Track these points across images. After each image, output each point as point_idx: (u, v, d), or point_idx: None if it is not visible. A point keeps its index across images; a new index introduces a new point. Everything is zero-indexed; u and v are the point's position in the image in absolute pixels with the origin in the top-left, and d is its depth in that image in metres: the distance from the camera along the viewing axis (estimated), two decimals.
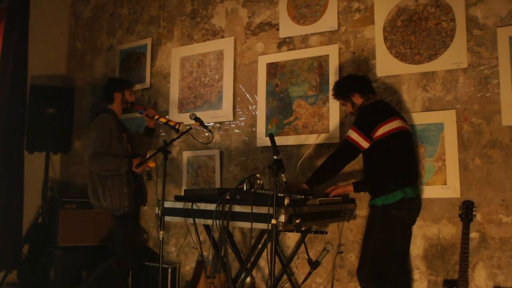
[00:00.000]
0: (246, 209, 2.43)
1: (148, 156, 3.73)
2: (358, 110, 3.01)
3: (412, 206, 2.86)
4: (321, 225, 3.30)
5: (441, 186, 3.10)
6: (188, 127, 3.42)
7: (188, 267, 4.16)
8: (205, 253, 3.87)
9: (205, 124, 3.40)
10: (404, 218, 2.82)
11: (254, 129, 3.90)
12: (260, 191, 2.53)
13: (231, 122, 4.04)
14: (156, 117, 3.61)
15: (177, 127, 3.40)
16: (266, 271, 3.70)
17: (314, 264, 3.14)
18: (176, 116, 4.30)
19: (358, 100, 3.01)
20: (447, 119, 3.12)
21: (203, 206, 2.64)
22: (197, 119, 3.32)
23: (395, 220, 2.79)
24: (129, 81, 3.85)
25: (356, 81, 3.05)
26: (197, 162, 4.17)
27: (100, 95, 3.92)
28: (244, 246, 3.82)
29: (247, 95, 3.97)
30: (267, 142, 3.67)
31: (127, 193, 3.41)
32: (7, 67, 4.44)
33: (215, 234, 2.73)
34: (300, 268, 3.60)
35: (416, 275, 3.17)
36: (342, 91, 3.07)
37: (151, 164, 3.52)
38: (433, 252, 3.13)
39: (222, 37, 4.16)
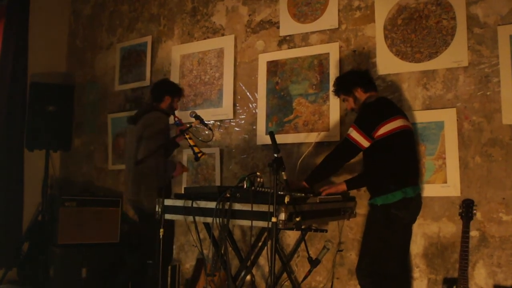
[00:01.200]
0: (246, 207, 2.43)
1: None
2: (360, 107, 2.99)
3: (412, 206, 2.85)
4: (321, 223, 3.30)
5: (441, 185, 3.10)
6: (188, 125, 3.42)
7: (188, 265, 4.17)
8: (205, 251, 3.87)
9: (205, 122, 3.40)
10: (404, 217, 2.81)
11: (254, 127, 3.90)
12: (260, 189, 2.52)
13: (231, 120, 4.03)
14: (188, 136, 3.50)
15: (199, 155, 3.38)
16: (266, 269, 3.70)
17: (314, 262, 3.14)
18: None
19: (361, 95, 2.98)
20: (448, 117, 3.12)
21: (203, 204, 2.63)
22: (197, 117, 3.32)
23: (394, 219, 2.78)
24: (182, 89, 3.80)
25: (358, 76, 3.03)
26: None
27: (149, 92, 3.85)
28: (244, 244, 3.82)
29: (248, 93, 3.97)
30: (267, 140, 3.67)
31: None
32: (7, 64, 4.44)
33: (215, 232, 2.73)
34: (300, 266, 3.60)
35: (416, 273, 3.17)
36: (345, 85, 3.04)
37: (187, 170, 3.83)
38: (433, 250, 3.13)
39: (223, 35, 4.15)
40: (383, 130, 2.78)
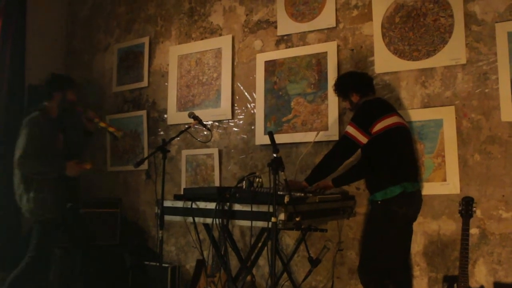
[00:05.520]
0: (245, 207, 2.43)
1: (147, 155, 3.68)
2: (356, 107, 3.02)
3: (412, 202, 2.86)
4: (321, 223, 3.30)
5: (441, 183, 3.10)
6: (186, 126, 3.41)
7: (188, 266, 4.16)
8: (205, 252, 3.86)
9: (204, 122, 3.39)
10: (404, 214, 2.81)
11: (253, 127, 3.89)
12: (260, 189, 2.52)
13: (230, 121, 4.03)
14: (96, 120, 3.40)
15: (116, 133, 3.25)
16: (266, 270, 3.70)
17: (314, 262, 3.13)
18: (174, 114, 4.30)
19: (356, 99, 3.03)
20: (446, 115, 3.11)
21: (202, 205, 2.63)
22: (195, 118, 3.30)
23: (395, 216, 2.79)
24: (72, 80, 3.61)
25: (355, 81, 3.05)
26: (196, 161, 4.16)
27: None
28: (243, 244, 3.82)
29: (246, 93, 3.96)
30: (266, 140, 3.66)
31: (52, 199, 3.29)
32: (4, 66, 4.42)
33: (215, 233, 2.72)
34: (300, 266, 3.59)
35: (416, 271, 3.17)
36: (341, 90, 3.10)
37: (88, 166, 3.40)
38: (433, 248, 3.13)
39: (220, 35, 4.15)
40: (379, 126, 2.80)
